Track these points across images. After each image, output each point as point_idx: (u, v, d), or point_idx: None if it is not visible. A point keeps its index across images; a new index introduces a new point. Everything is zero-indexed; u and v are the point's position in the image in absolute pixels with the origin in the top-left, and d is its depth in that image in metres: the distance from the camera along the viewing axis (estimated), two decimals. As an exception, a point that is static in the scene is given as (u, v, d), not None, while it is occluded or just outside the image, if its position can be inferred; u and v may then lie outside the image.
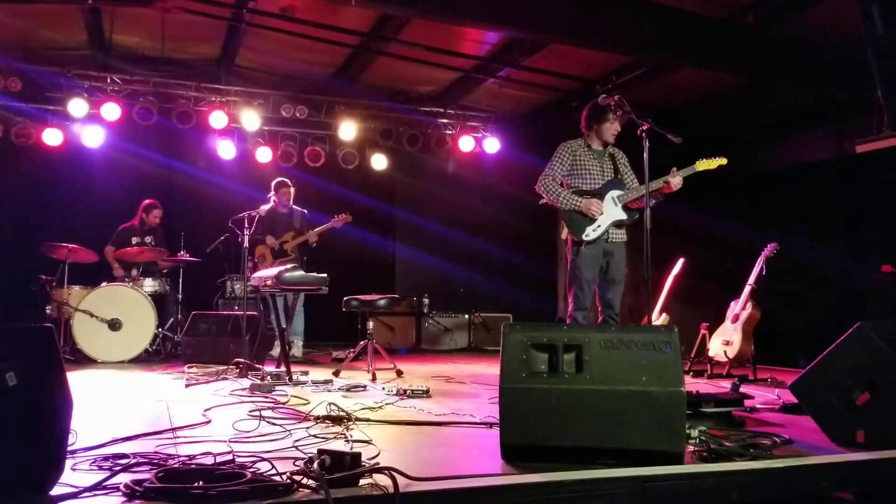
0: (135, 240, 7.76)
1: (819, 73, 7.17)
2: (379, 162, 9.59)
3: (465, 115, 9.50)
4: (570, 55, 7.70)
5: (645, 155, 4.47)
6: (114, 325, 6.91)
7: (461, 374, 6.19)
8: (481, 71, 8.52)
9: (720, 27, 6.86)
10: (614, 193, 4.91)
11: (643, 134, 4.42)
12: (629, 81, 8.10)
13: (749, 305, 6.03)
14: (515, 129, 9.76)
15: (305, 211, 7.83)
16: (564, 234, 4.98)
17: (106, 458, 2.59)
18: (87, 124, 8.27)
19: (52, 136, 8.17)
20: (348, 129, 8.99)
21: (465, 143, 9.46)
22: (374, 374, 5.63)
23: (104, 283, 7.15)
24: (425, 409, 4.13)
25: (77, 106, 7.92)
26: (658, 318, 6.69)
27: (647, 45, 6.84)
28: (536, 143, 9.34)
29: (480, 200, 9.81)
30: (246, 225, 6.61)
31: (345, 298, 6.17)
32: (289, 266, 5.44)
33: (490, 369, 6.62)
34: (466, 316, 9.53)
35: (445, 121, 9.44)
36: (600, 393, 2.73)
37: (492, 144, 9.52)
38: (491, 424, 3.50)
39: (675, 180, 4.71)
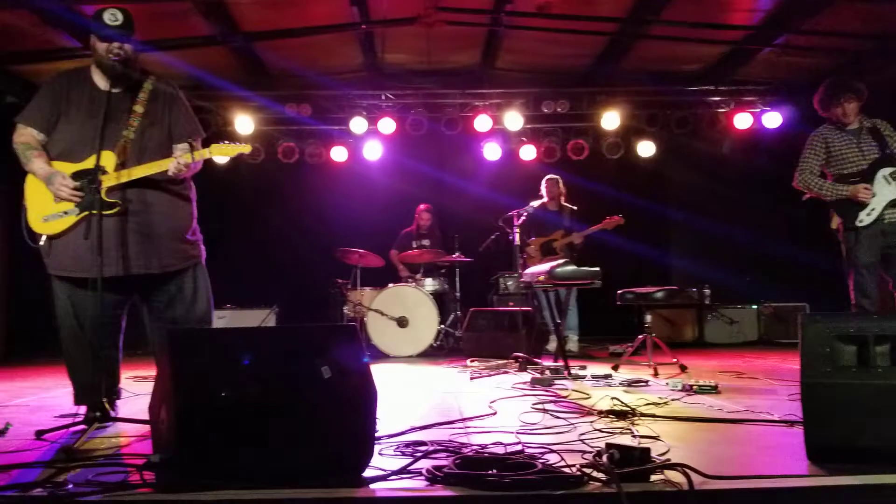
0: (414, 243, 8.39)
1: None
2: (645, 149, 9.27)
3: (738, 90, 8.84)
4: (858, 12, 6.78)
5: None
6: (402, 322, 7.48)
7: (752, 369, 5.75)
8: (754, 41, 7.84)
9: None
10: (885, 171, 4.47)
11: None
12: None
13: None
14: (798, 100, 8.86)
15: (575, 207, 7.80)
16: (834, 223, 4.67)
17: (407, 445, 2.76)
18: (367, 139, 9.04)
19: (338, 153, 9.13)
20: (611, 118, 8.80)
21: (741, 121, 8.83)
22: (655, 369, 5.42)
23: (391, 285, 7.76)
24: (715, 405, 3.88)
25: (358, 123, 8.69)
26: None
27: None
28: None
29: (760, 183, 9.05)
30: (516, 223, 6.75)
31: (619, 291, 6.03)
32: (560, 261, 5.45)
33: (785, 363, 6.11)
34: (754, 307, 8.85)
35: (717, 98, 8.87)
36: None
37: (772, 119, 8.76)
38: (792, 422, 3.22)
39: None
